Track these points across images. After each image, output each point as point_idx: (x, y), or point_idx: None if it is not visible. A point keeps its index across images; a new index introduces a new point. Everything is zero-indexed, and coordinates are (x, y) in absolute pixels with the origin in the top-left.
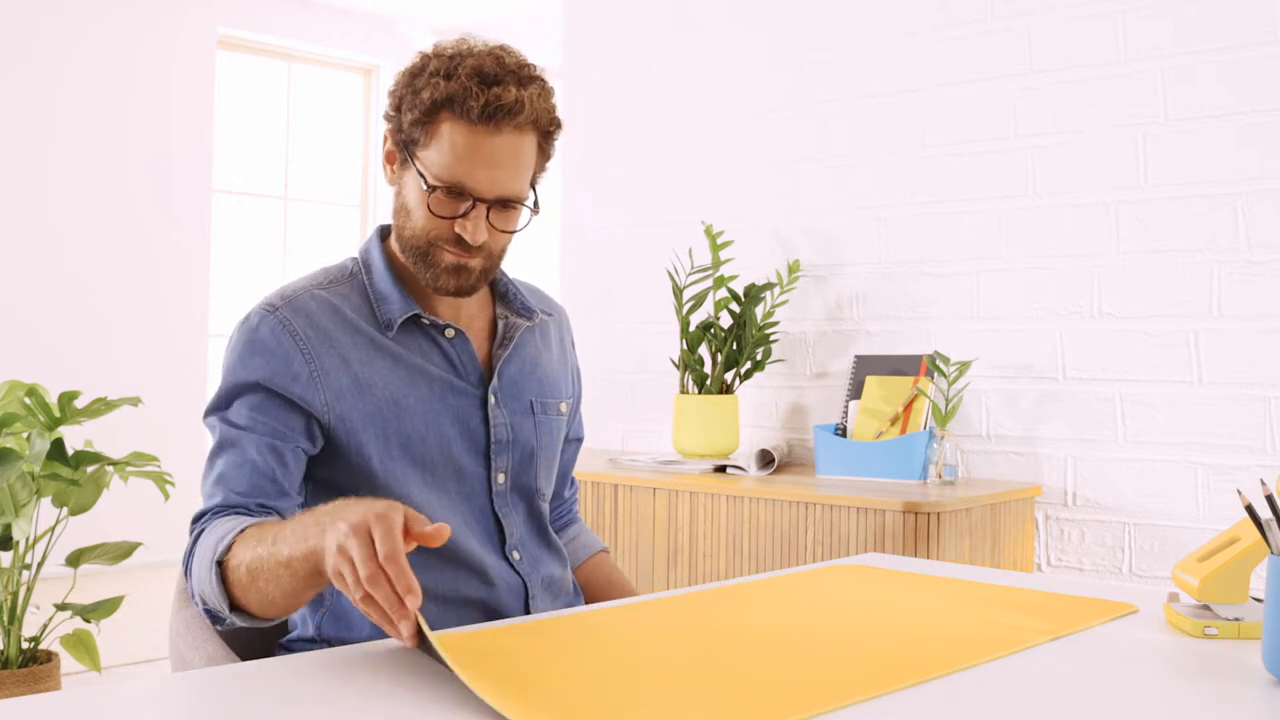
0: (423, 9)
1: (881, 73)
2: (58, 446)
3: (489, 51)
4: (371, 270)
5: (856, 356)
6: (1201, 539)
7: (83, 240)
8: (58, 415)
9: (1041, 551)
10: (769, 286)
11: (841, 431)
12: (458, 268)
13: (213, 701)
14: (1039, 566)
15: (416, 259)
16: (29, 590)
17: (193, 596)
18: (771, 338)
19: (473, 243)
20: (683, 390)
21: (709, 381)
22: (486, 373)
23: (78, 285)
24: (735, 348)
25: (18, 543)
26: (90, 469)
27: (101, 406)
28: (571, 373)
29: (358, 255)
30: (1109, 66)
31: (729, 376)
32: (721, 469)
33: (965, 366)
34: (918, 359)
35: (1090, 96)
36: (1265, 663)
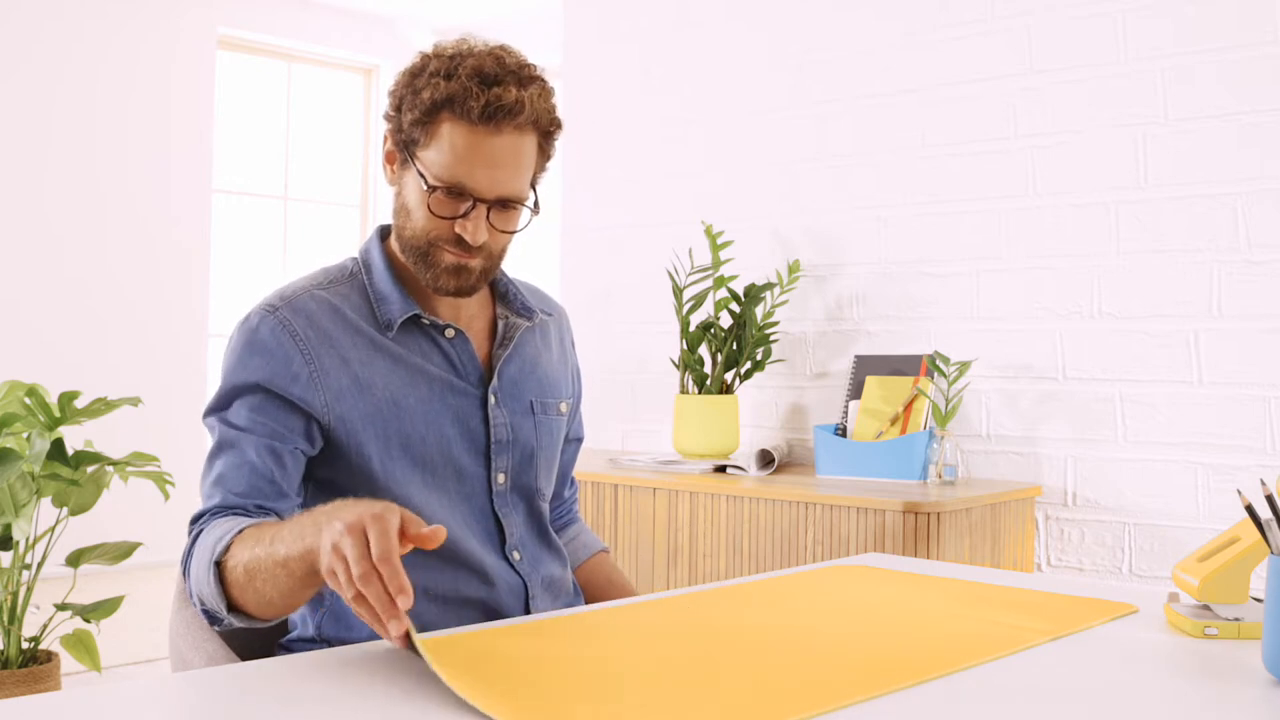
0: (423, 9)
1: (881, 73)
2: (58, 446)
3: (489, 51)
4: (371, 270)
5: (856, 356)
6: (1201, 539)
7: (83, 240)
8: (58, 415)
9: (1041, 551)
10: (769, 286)
11: (841, 431)
12: (458, 268)
13: (213, 701)
14: (1039, 566)
15: (417, 259)
16: (29, 590)
17: (191, 597)
18: (771, 338)
19: (473, 243)
20: (683, 390)
21: (709, 381)
22: (486, 373)
23: (78, 285)
24: (735, 348)
25: (18, 543)
26: (90, 469)
27: (101, 406)
28: (571, 373)
29: (357, 255)
30: (1109, 66)
31: (729, 376)
32: (721, 469)
33: (965, 366)
34: (918, 359)
35: (1090, 96)
36: (1265, 663)
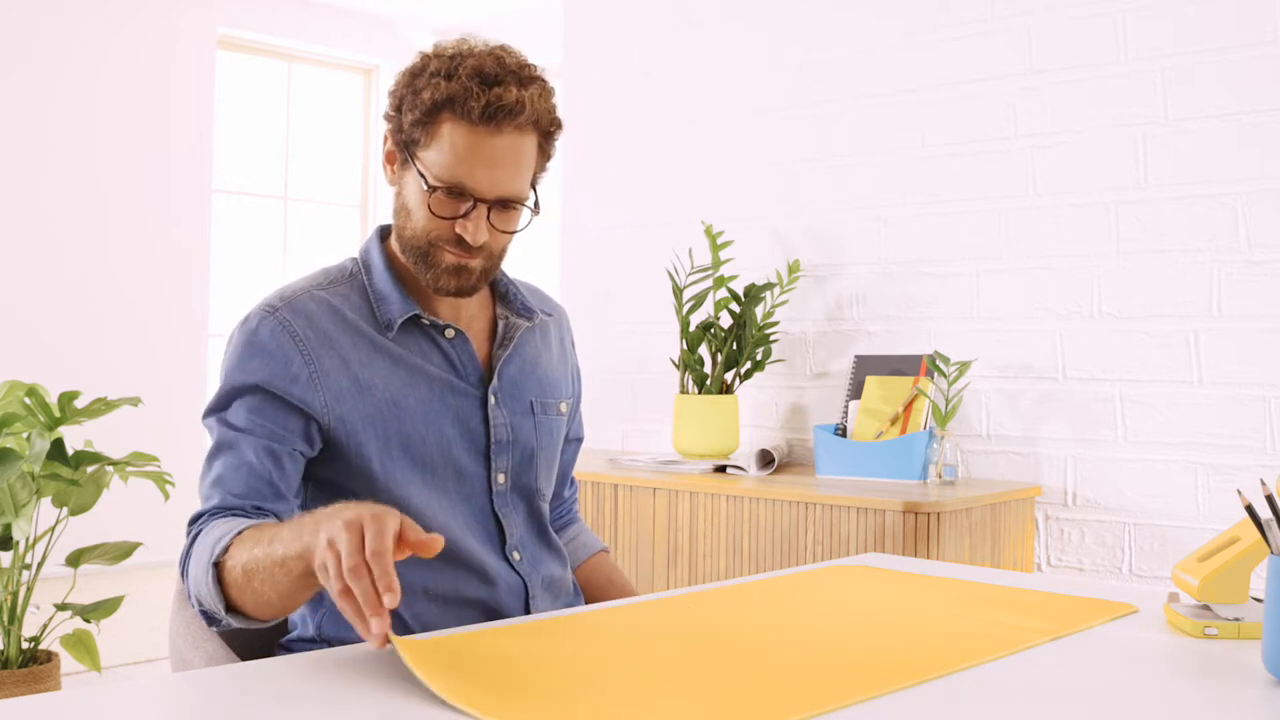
0: (423, 9)
1: (881, 73)
2: (58, 446)
3: (489, 52)
4: (371, 270)
5: (856, 356)
6: (1201, 539)
7: (83, 240)
8: (58, 415)
9: (1041, 551)
10: (769, 286)
11: (841, 431)
12: (458, 268)
13: (213, 701)
14: (1039, 566)
15: (417, 259)
16: (29, 590)
17: (189, 597)
18: (771, 338)
19: (473, 243)
20: (683, 390)
21: (709, 381)
22: (486, 373)
23: (78, 285)
24: (735, 348)
25: (18, 543)
26: (90, 469)
27: (101, 406)
28: (571, 373)
29: (357, 256)
30: (1109, 66)
31: (729, 376)
32: (721, 469)
33: (965, 366)
34: (918, 359)
35: (1090, 96)
36: (1265, 663)
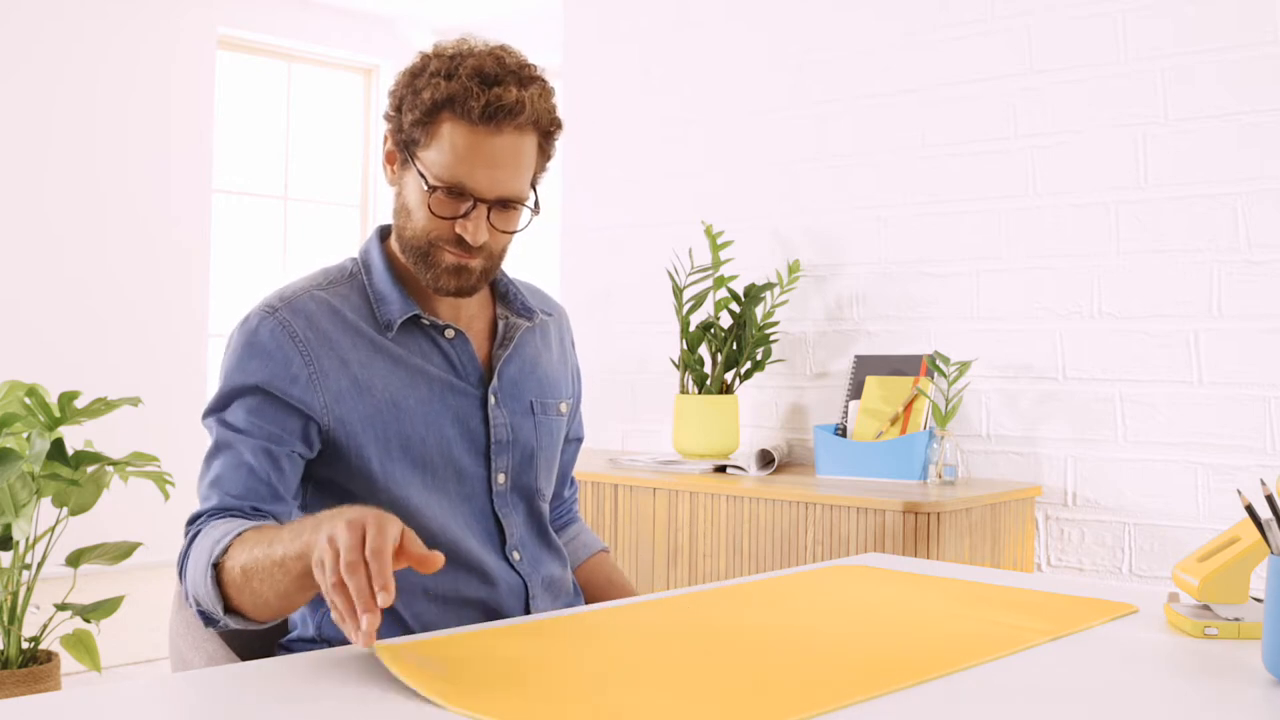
0: (423, 9)
1: (881, 73)
2: (58, 446)
3: (489, 51)
4: (371, 271)
5: (856, 356)
6: (1201, 539)
7: (83, 240)
8: (58, 415)
9: (1041, 551)
10: (769, 286)
11: (841, 431)
12: (458, 268)
13: (213, 701)
14: (1039, 566)
15: (417, 259)
16: (29, 590)
17: (186, 598)
18: (771, 338)
19: (473, 243)
20: (683, 390)
21: (709, 381)
22: (486, 373)
23: (78, 285)
24: (735, 348)
25: (18, 543)
26: (90, 469)
27: (101, 406)
28: (571, 373)
29: (357, 256)
30: (1109, 66)
31: (729, 376)
32: (721, 469)
33: (965, 366)
34: (918, 359)
35: (1090, 96)
36: (1265, 663)
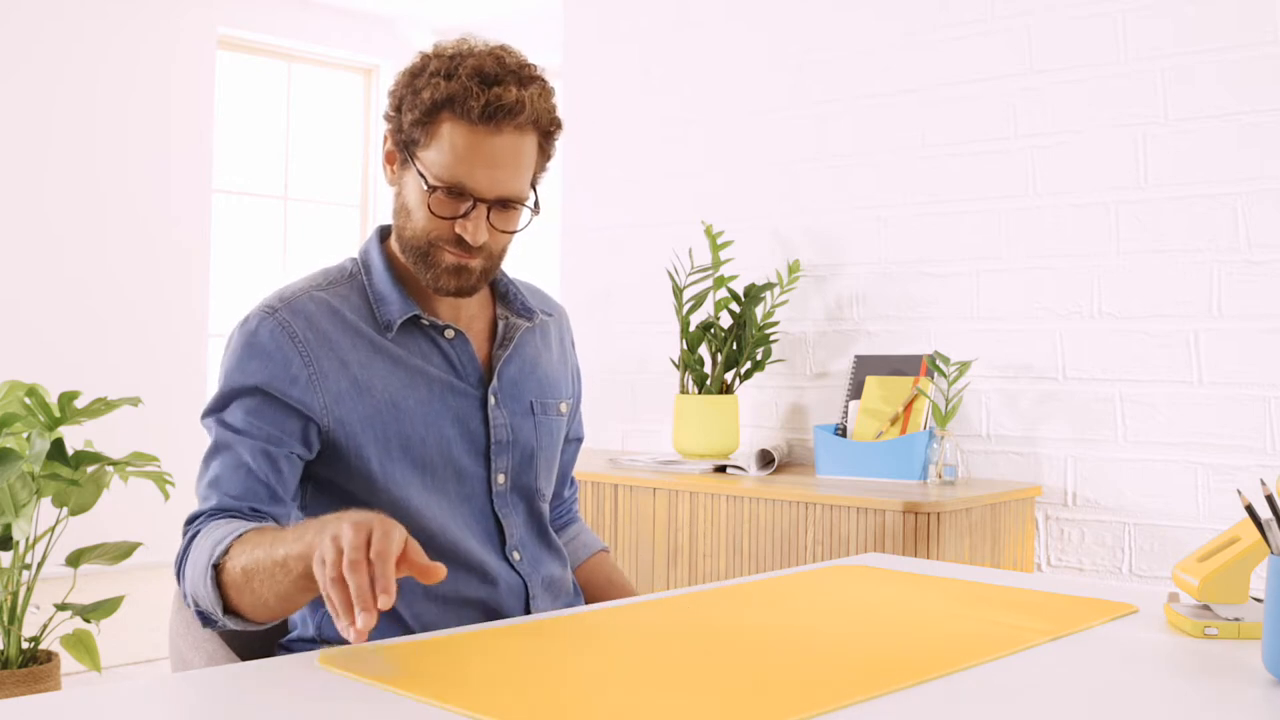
0: (423, 9)
1: (881, 73)
2: (58, 446)
3: (489, 51)
4: (371, 271)
5: (856, 356)
6: (1201, 539)
7: (83, 240)
8: (58, 415)
9: (1041, 551)
10: (769, 286)
11: (841, 431)
12: (458, 268)
13: (213, 701)
14: (1039, 566)
15: (417, 259)
16: (29, 590)
17: (184, 597)
18: (771, 338)
19: (473, 243)
20: (683, 390)
21: (709, 381)
22: (486, 373)
23: (78, 285)
24: (735, 348)
25: (18, 543)
26: (90, 469)
27: (101, 406)
28: (571, 373)
29: (357, 256)
30: (1109, 66)
31: (729, 376)
32: (721, 469)
33: (965, 366)
34: (918, 359)
35: (1090, 96)
36: (1265, 663)
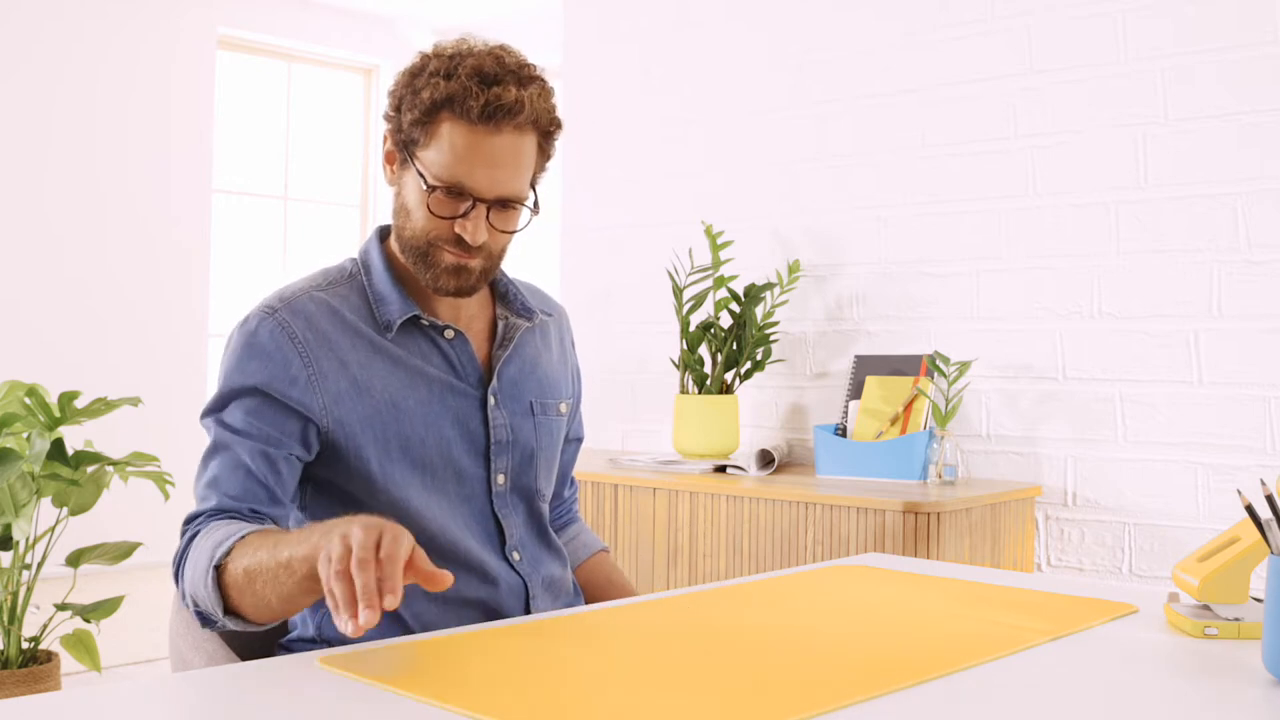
0: (423, 9)
1: (881, 73)
2: (58, 446)
3: (489, 51)
4: (371, 271)
5: (856, 356)
6: (1201, 539)
7: (83, 240)
8: (58, 415)
9: (1041, 551)
10: (769, 286)
11: (841, 431)
12: (458, 268)
13: (213, 701)
14: (1039, 566)
15: (416, 259)
16: (29, 590)
17: (183, 597)
18: (771, 338)
19: (472, 243)
20: (683, 390)
21: (709, 381)
22: (486, 374)
23: (78, 285)
24: (735, 348)
25: (18, 543)
26: (90, 469)
27: (101, 406)
28: (571, 373)
29: (357, 256)
30: (1109, 66)
31: (729, 376)
32: (721, 469)
33: (965, 366)
34: (918, 359)
35: (1090, 96)
36: (1265, 663)
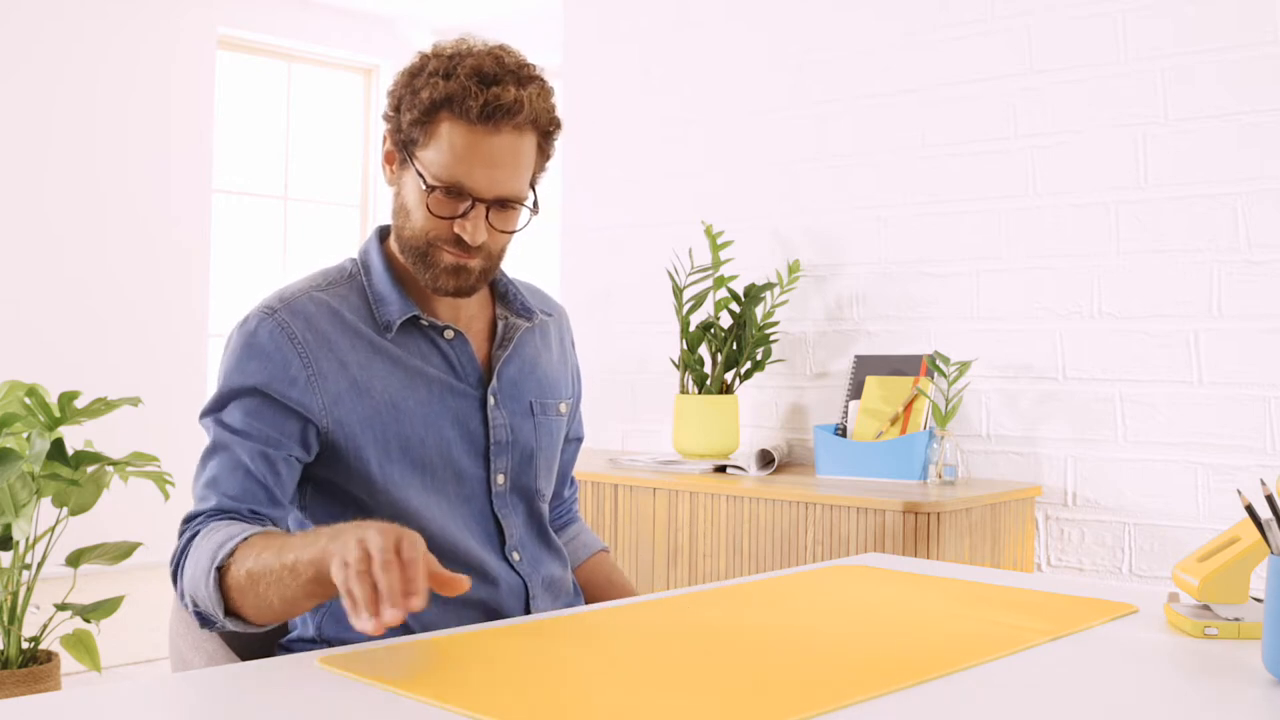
0: (423, 9)
1: (881, 73)
2: (58, 446)
3: (488, 51)
4: (370, 271)
5: (856, 356)
6: (1201, 539)
7: (83, 240)
8: (58, 415)
9: (1041, 551)
10: (769, 286)
11: (841, 431)
12: (457, 268)
13: (213, 701)
14: (1039, 566)
15: (416, 259)
16: (29, 590)
17: (181, 597)
18: (771, 338)
19: (472, 243)
20: (683, 390)
21: (709, 381)
22: (486, 374)
23: (78, 285)
24: (735, 348)
25: (18, 543)
26: (90, 469)
27: (101, 406)
28: (571, 373)
29: (356, 256)
30: (1109, 66)
31: (729, 376)
32: (721, 469)
33: (965, 366)
34: (918, 359)
35: (1090, 96)
36: (1265, 663)
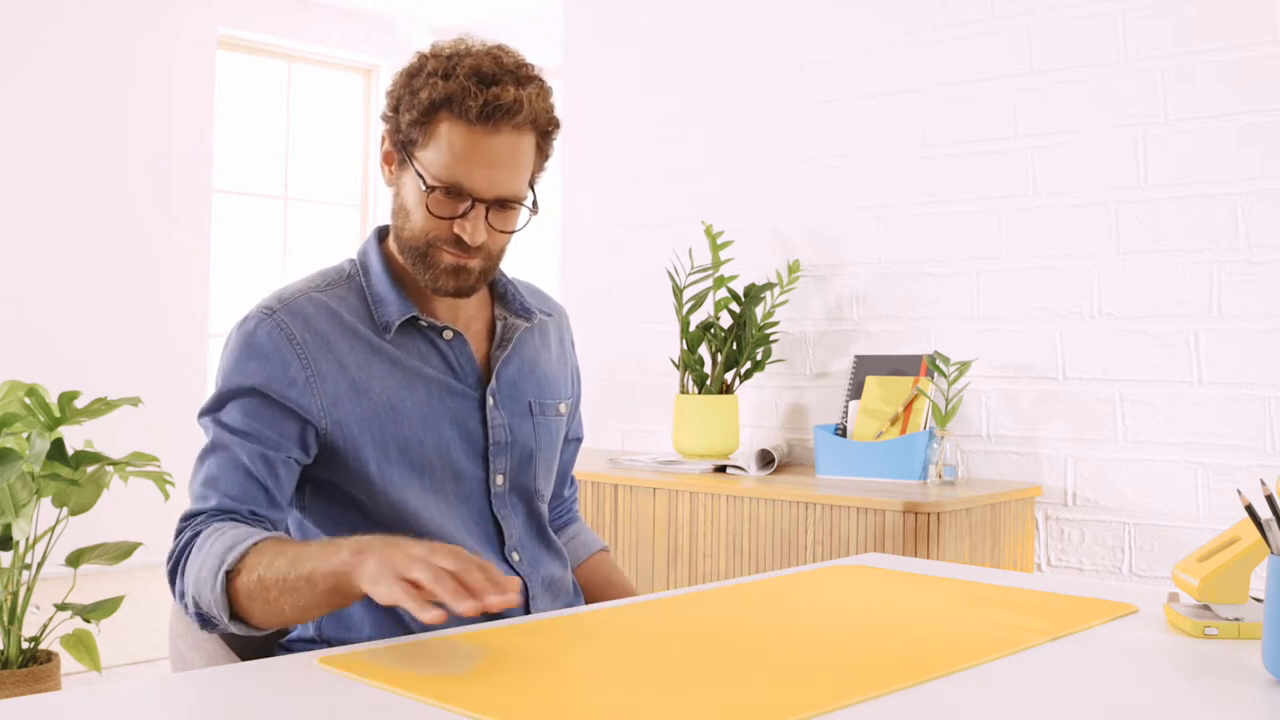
0: (423, 9)
1: (881, 73)
2: (58, 446)
3: (487, 51)
4: (369, 272)
5: (856, 356)
6: (1201, 539)
7: (83, 240)
8: (58, 415)
9: (1041, 551)
10: (769, 286)
11: (841, 431)
12: (456, 268)
13: (213, 701)
14: (1039, 566)
15: (415, 260)
16: (29, 590)
17: (180, 596)
18: (771, 338)
19: (471, 243)
20: (683, 390)
21: (709, 381)
22: (485, 374)
23: (78, 285)
24: (735, 348)
25: (18, 543)
26: (90, 469)
27: (101, 406)
28: (571, 373)
29: (355, 257)
30: (1109, 66)
31: (729, 376)
32: (721, 469)
33: (965, 366)
34: (918, 359)
35: (1090, 96)
36: (1265, 663)
